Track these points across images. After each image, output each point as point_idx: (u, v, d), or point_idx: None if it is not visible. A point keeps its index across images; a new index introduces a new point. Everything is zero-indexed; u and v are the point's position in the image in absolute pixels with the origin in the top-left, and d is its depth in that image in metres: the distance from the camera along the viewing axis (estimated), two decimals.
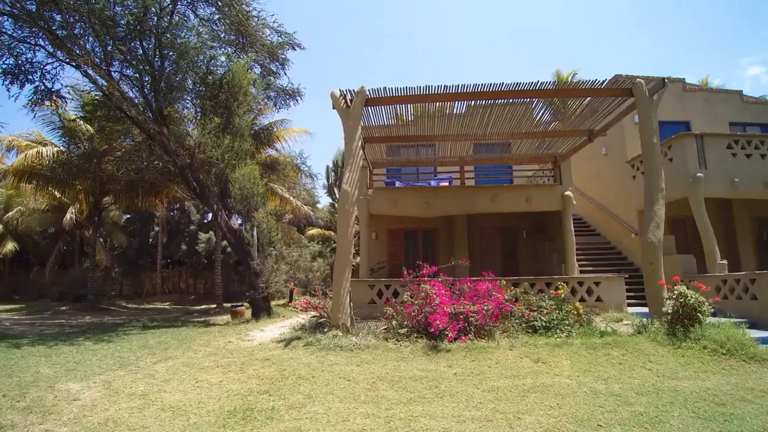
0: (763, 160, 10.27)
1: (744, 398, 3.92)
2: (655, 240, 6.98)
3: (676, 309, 5.87)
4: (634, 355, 5.38)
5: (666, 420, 3.44)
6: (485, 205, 11.75)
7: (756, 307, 8.20)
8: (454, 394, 4.26)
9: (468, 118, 9.57)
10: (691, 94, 13.33)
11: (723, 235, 11.59)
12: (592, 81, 7.73)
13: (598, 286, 9.02)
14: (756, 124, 13.45)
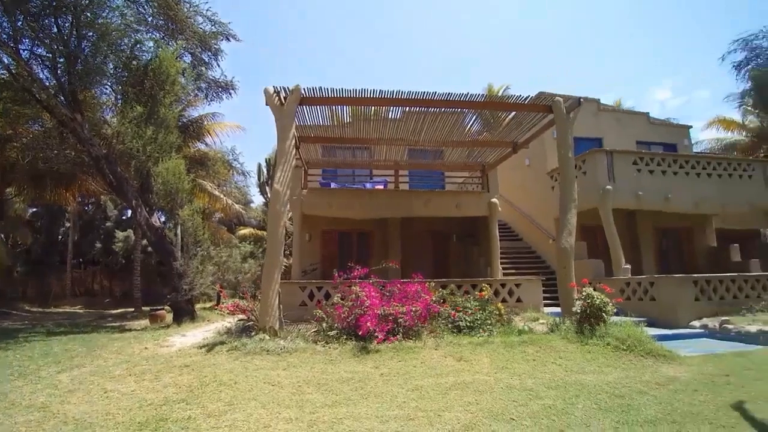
0: (664, 176, 11.56)
1: (640, 390, 4.34)
2: (567, 246, 7.60)
3: (584, 309, 6.42)
4: (547, 352, 5.79)
5: (571, 411, 3.73)
6: (418, 209, 12.06)
7: (654, 307, 9.19)
8: (380, 395, 4.31)
9: (403, 123, 9.79)
10: (604, 114, 14.68)
11: (629, 242, 12.85)
12: (517, 96, 8.25)
13: (518, 287, 9.58)
14: (660, 144, 15.12)
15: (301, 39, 74.49)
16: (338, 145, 12.20)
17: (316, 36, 71.98)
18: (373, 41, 77.89)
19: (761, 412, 3.58)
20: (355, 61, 78.59)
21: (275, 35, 69.42)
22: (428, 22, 68.51)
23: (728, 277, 9.26)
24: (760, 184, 12.45)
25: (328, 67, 72.85)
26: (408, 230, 14.10)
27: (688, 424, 3.35)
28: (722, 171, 12.08)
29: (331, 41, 74.23)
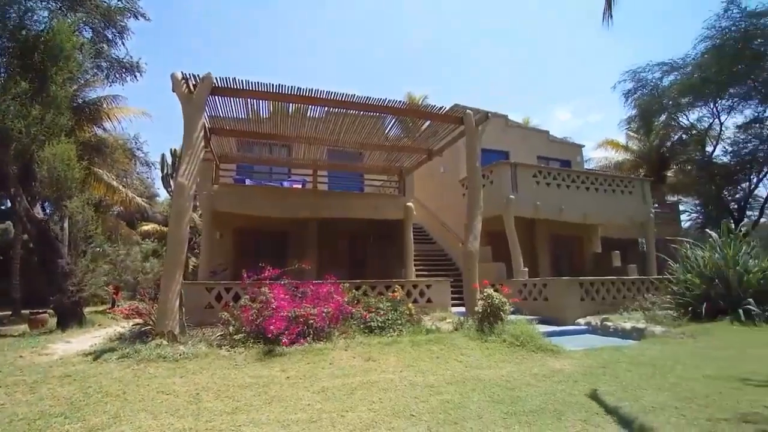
0: (559, 189, 12.79)
1: (529, 383, 4.72)
2: (473, 249, 8.09)
3: (485, 308, 6.87)
4: (450, 349, 6.08)
5: (467, 405, 3.95)
6: (337, 211, 12.04)
7: (547, 306, 10.09)
8: (284, 399, 4.21)
9: (323, 123, 9.71)
10: (511, 129, 15.87)
11: (528, 247, 13.99)
12: (433, 106, 8.63)
13: (429, 288, 9.96)
14: (557, 159, 16.69)
15: (227, 31, 70.74)
16: (255, 141, 11.74)
17: (240, 31, 68.73)
18: (308, 40, 76.41)
19: (625, 399, 4.08)
20: (279, 59, 76.38)
21: (195, 21, 65.08)
22: (358, 27, 68.94)
23: (609, 280, 10.48)
24: (638, 200, 14.30)
25: (252, 62, 69.91)
26: (326, 231, 13.99)
27: (567, 411, 3.72)
28: (607, 187, 13.68)
29: (255, 37, 71.42)
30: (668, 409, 3.70)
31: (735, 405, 3.80)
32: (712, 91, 17.79)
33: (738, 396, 4.07)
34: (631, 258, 15.34)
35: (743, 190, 20.16)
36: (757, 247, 9.58)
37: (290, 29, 73.73)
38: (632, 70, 19.97)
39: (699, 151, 20.47)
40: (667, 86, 18.98)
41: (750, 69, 16.59)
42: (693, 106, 19.45)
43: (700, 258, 9.34)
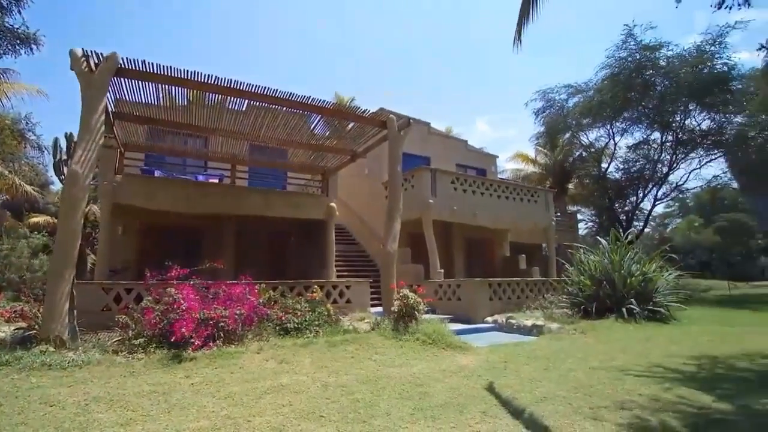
0: (473, 195, 13.51)
1: (437, 378, 4.92)
2: (391, 250, 8.28)
3: (400, 308, 7.05)
4: (365, 349, 6.15)
5: (377, 403, 4.01)
6: (257, 208, 11.60)
7: (460, 306, 10.60)
8: (186, 406, 3.96)
9: (244, 116, 9.29)
10: (433, 137, 16.49)
11: (445, 249, 14.61)
12: (357, 108, 8.69)
13: (349, 289, 9.97)
14: (474, 168, 17.63)
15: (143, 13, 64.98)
16: (169, 130, 10.90)
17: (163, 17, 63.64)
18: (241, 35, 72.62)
19: (521, 391, 4.42)
20: (204, 50, 71.99)
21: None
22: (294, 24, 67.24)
23: (514, 281, 11.29)
24: (542, 208, 15.57)
25: (171, 50, 65.12)
26: (245, 230, 13.42)
27: (470, 404, 3.93)
28: (516, 195, 14.74)
29: (177, 26, 66.62)
30: (557, 399, 4.07)
31: (614, 393, 4.29)
32: (609, 114, 19.99)
33: (618, 385, 4.60)
34: (536, 261, 16.70)
35: (631, 203, 22.90)
36: (640, 253, 10.92)
37: (228, 20, 69.85)
38: (542, 90, 21.83)
39: (596, 167, 22.87)
40: (572, 107, 20.99)
41: (641, 96, 18.90)
42: (592, 127, 21.71)
43: (592, 262, 10.43)
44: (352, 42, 71.72)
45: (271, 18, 68.67)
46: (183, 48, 70.98)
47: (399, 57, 75.09)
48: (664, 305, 9.75)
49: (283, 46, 73.65)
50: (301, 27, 69.99)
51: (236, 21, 70.38)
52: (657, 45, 18.01)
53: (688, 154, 20.57)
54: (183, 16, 67.30)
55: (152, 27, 67.73)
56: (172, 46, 69.47)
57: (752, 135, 19.19)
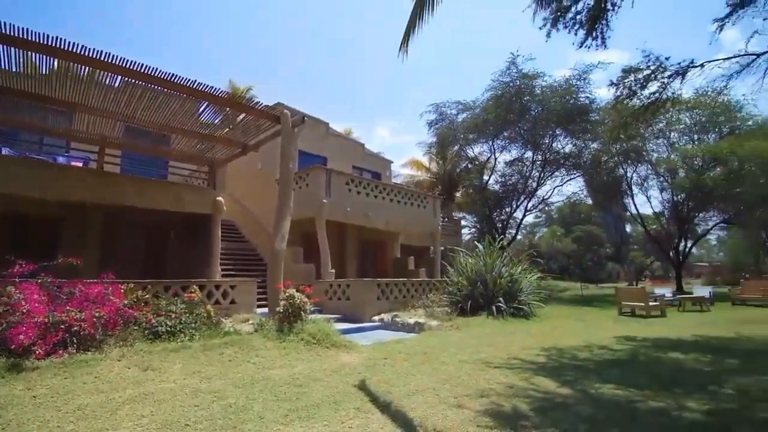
0: (367, 197, 13.80)
1: (317, 378, 4.90)
2: (279, 249, 8.08)
3: (286, 308, 6.91)
4: (245, 351, 5.90)
5: (251, 407, 3.87)
6: (130, 198, 10.40)
7: (349, 305, 10.73)
8: (23, 423, 3.40)
9: (118, 94, 8.25)
10: (331, 137, 16.50)
11: (338, 250, 14.69)
12: (250, 99, 8.31)
13: (233, 289, 9.47)
14: (369, 171, 18.02)
15: None
16: (22, 100, 9.16)
17: None
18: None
19: (396, 385, 4.62)
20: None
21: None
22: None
23: (401, 281, 11.79)
24: (431, 213, 16.50)
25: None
26: (114, 222, 11.96)
27: (345, 401, 3.99)
28: (407, 200, 15.43)
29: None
30: (427, 391, 4.34)
31: (477, 383, 4.70)
32: (492, 132, 22.02)
33: (481, 376, 5.05)
34: (424, 263, 17.64)
35: (506, 212, 25.43)
36: (509, 257, 12.19)
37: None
38: (436, 103, 23.33)
39: (479, 179, 24.98)
40: (461, 122, 22.67)
41: (518, 118, 21.12)
42: (477, 142, 23.70)
43: (469, 264, 11.36)
44: (262, 37, 68.70)
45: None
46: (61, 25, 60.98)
47: (307, 57, 74.07)
48: (527, 303, 11.01)
49: (180, 28, 67.55)
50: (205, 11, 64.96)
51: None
52: (534, 75, 20.34)
53: (553, 173, 23.58)
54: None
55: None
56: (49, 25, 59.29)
57: (605, 159, 22.73)
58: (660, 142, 23.27)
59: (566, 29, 7.35)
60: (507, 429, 3.25)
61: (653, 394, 4.26)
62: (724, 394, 4.33)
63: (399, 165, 27.80)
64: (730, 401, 4.07)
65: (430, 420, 3.50)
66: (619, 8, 7.37)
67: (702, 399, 4.07)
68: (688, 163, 22.18)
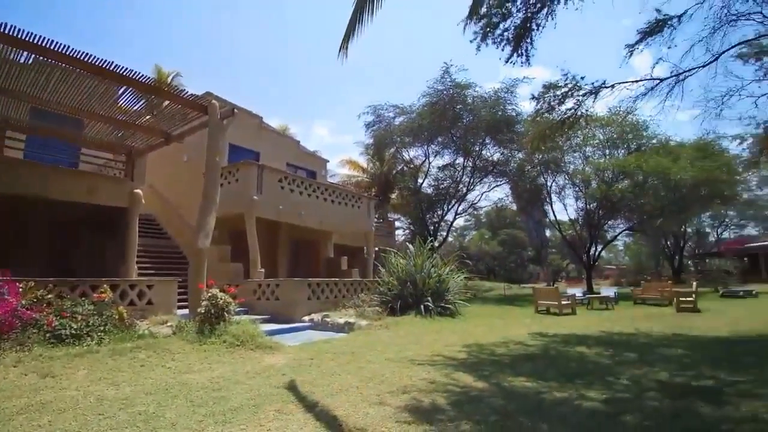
0: (301, 196, 13.58)
1: (239, 381, 4.74)
2: (203, 247, 7.71)
3: (208, 309, 6.61)
4: (161, 355, 5.56)
5: (163, 414, 3.65)
6: (33, 187, 9.38)
7: (279, 305, 10.50)
8: None
9: (23, 71, 7.39)
10: (265, 132, 16.04)
11: (270, 249, 14.30)
12: (174, 86, 7.85)
13: (151, 289, 8.87)
14: (304, 169, 17.74)
15: None
16: None
17: None
18: None
19: (320, 385, 4.60)
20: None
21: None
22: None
23: (332, 281, 11.76)
24: (365, 214, 16.61)
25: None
26: (15, 213, 10.68)
27: (266, 404, 3.90)
28: (342, 200, 15.40)
29: None
30: (351, 390, 4.38)
31: (401, 380, 4.82)
32: (426, 137, 22.67)
33: (405, 373, 5.18)
34: (357, 263, 17.70)
35: (438, 215, 26.27)
36: (440, 258, 12.61)
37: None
38: (374, 105, 23.52)
39: (413, 182, 25.58)
40: (397, 125, 23.08)
41: (451, 125, 21.92)
42: (413, 146, 24.28)
43: (400, 265, 11.61)
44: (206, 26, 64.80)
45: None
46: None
47: (247, 50, 71.10)
48: (454, 302, 11.47)
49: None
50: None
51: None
52: (466, 85, 21.25)
53: (482, 179, 24.81)
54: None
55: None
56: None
57: (528, 169, 24.28)
58: (576, 155, 25.36)
59: (494, 44, 7.83)
60: (424, 423, 3.37)
61: (559, 385, 4.63)
62: (620, 384, 4.82)
63: (336, 164, 27.67)
64: (625, 391, 4.53)
65: (351, 418, 3.53)
66: (543, 28, 7.98)
67: (600, 389, 4.50)
68: (600, 175, 24.35)
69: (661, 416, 3.58)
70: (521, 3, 7.39)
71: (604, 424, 3.42)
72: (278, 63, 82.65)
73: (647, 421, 3.46)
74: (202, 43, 71.14)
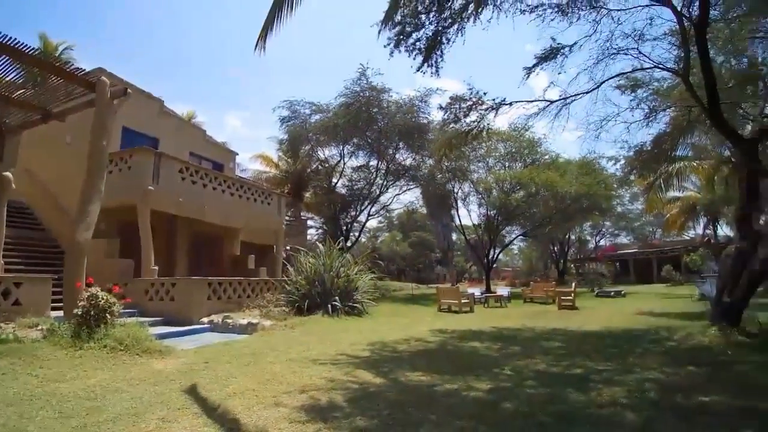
0: (205, 189, 12.75)
1: (119, 389, 4.32)
2: (82, 240, 6.90)
3: (86, 310, 5.91)
4: (27, 362, 4.88)
5: (24, 428, 3.23)
6: None
7: (174, 306, 9.77)
8: None
9: None
10: (167, 117, 14.85)
11: (167, 245, 13.24)
12: (57, 58, 6.93)
13: (19, 287, 7.71)
14: (210, 160, 16.74)
15: None
16: None
17: None
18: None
19: (213, 390, 4.39)
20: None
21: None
22: None
23: (236, 280, 11.25)
24: (276, 211, 16.14)
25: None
26: None
27: (148, 412, 3.61)
28: (251, 195, 14.79)
29: None
30: (247, 392, 4.23)
31: (301, 380, 4.77)
32: (342, 137, 22.67)
33: (306, 372, 5.15)
34: (266, 262, 17.11)
35: (352, 216, 26.42)
36: (351, 258, 12.71)
37: None
38: (290, 100, 22.92)
39: (327, 181, 25.43)
40: (313, 123, 22.75)
41: (366, 127, 22.17)
42: (328, 145, 24.12)
43: (309, 264, 11.49)
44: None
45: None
46: None
47: (163, 32, 64.80)
48: (361, 302, 11.64)
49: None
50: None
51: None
52: (382, 89, 21.67)
53: (394, 182, 25.47)
54: None
55: None
56: None
57: (439, 176, 25.45)
58: (481, 165, 27.23)
59: (407, 52, 8.12)
60: (318, 422, 3.38)
61: (451, 377, 4.95)
62: (504, 374, 5.28)
63: (249, 159, 26.53)
64: (507, 381, 4.97)
65: (243, 422, 3.42)
66: (453, 42, 8.46)
67: (487, 380, 4.89)
68: (500, 185, 26.40)
69: (536, 402, 3.99)
70: (433, 16, 7.75)
71: (487, 411, 3.73)
72: (192, 46, 76.98)
73: (523, 407, 3.83)
74: (114, 22, 63.68)
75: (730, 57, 9.87)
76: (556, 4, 8.47)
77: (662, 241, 38.13)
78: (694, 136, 13.88)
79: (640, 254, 39.54)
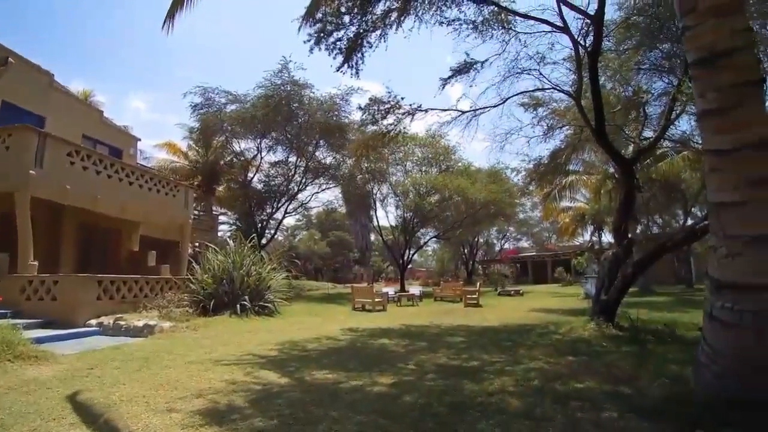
0: (98, 176, 11.51)
1: None
2: None
3: None
4: None
5: None
6: None
7: (56, 307, 8.75)
8: None
9: None
10: (57, 94, 13.21)
11: (52, 237, 11.76)
12: None
13: None
14: (108, 146, 15.18)
15: None
16: None
17: None
18: None
19: (96, 398, 4.00)
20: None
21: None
22: None
23: (132, 278, 10.36)
24: (182, 204, 15.10)
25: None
26: None
27: (15, 426, 3.21)
28: (153, 186, 13.67)
29: None
30: (136, 399, 3.93)
31: (199, 384, 4.53)
32: (259, 130, 21.86)
33: (205, 376, 4.90)
34: (170, 259, 15.91)
35: (268, 213, 25.57)
36: (265, 256, 12.31)
37: None
38: (203, 86, 21.54)
39: (242, 175, 24.37)
40: (229, 113, 21.63)
41: (286, 122, 21.61)
42: (245, 137, 23.10)
43: (217, 262, 10.94)
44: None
45: None
46: None
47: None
48: (273, 301, 11.35)
49: None
50: None
51: None
52: (304, 84, 21.28)
53: (313, 180, 25.16)
54: None
55: None
56: None
57: (359, 176, 25.64)
58: (399, 168, 28.03)
59: (327, 51, 8.09)
60: (214, 425, 3.26)
61: (357, 374, 5.04)
62: (407, 369, 5.50)
63: (152, 146, 24.44)
64: (410, 375, 5.18)
65: (129, 431, 3.18)
66: (376, 47, 8.61)
67: (391, 375, 5.05)
68: (416, 189, 27.39)
69: (434, 394, 4.21)
70: (355, 18, 7.82)
71: (388, 405, 3.87)
72: (91, 16, 68.69)
73: (422, 399, 4.04)
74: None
75: (617, 84, 11.22)
76: (471, 20, 9.02)
77: (556, 246, 42.25)
78: (586, 152, 15.67)
79: (538, 257, 43.48)
